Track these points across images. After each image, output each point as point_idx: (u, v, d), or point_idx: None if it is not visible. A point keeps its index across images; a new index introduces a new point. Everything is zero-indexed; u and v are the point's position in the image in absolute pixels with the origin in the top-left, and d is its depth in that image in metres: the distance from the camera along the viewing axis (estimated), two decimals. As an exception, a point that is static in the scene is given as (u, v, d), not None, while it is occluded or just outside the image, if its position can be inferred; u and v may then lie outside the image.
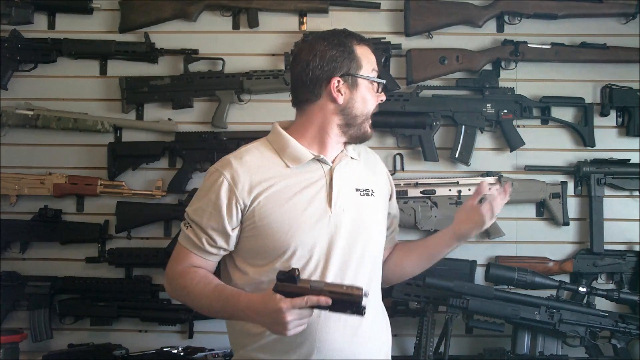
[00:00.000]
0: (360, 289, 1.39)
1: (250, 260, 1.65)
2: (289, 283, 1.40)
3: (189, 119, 2.71)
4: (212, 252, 1.65)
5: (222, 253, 1.67)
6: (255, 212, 1.61)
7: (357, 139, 1.71)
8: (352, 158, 1.73)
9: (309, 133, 1.69)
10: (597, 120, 2.65)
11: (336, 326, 1.57)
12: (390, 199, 1.85)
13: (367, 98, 1.68)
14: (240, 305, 1.52)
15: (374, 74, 1.69)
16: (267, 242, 1.62)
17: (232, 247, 1.66)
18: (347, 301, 1.38)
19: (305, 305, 1.38)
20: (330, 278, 1.58)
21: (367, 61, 1.68)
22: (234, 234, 1.64)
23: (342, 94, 1.65)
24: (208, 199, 1.63)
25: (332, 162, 1.69)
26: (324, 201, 1.63)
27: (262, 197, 1.61)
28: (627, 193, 2.65)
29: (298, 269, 1.41)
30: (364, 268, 1.65)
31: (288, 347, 1.60)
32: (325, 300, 1.38)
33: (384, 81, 1.73)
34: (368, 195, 1.71)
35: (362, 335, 1.60)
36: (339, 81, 1.65)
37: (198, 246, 1.65)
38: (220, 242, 1.64)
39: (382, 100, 1.72)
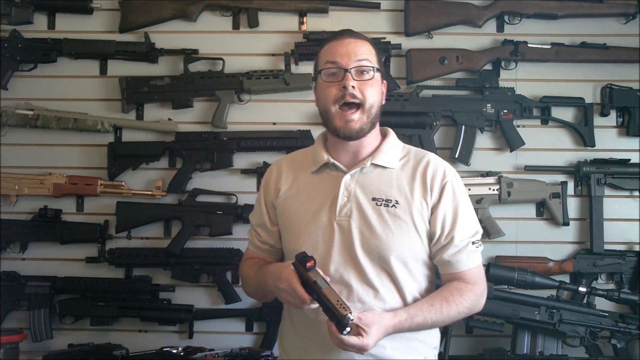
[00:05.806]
0: (346, 311, 1.41)
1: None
2: (302, 267, 1.48)
3: (189, 119, 2.71)
4: (262, 247, 1.78)
5: (272, 249, 1.78)
6: (278, 212, 1.73)
7: (338, 136, 1.63)
8: (376, 165, 1.65)
9: (328, 138, 1.73)
10: (597, 120, 2.66)
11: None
12: (432, 214, 1.63)
13: (322, 92, 1.63)
14: (266, 271, 1.62)
15: (327, 65, 1.61)
16: (284, 241, 1.73)
17: (277, 244, 1.76)
18: (332, 314, 1.43)
19: (300, 297, 1.46)
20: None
21: (323, 56, 1.64)
22: (274, 230, 1.75)
23: (315, 96, 1.70)
24: (257, 196, 1.82)
25: (351, 167, 1.65)
26: (330, 207, 1.63)
27: (282, 198, 1.71)
28: (627, 193, 2.65)
29: (314, 260, 1.48)
30: (370, 277, 1.58)
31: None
32: (313, 303, 1.46)
33: (331, 67, 1.60)
34: (387, 205, 1.60)
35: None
36: (314, 85, 1.71)
37: (252, 242, 1.82)
38: (265, 236, 1.77)
39: (344, 87, 1.57)
